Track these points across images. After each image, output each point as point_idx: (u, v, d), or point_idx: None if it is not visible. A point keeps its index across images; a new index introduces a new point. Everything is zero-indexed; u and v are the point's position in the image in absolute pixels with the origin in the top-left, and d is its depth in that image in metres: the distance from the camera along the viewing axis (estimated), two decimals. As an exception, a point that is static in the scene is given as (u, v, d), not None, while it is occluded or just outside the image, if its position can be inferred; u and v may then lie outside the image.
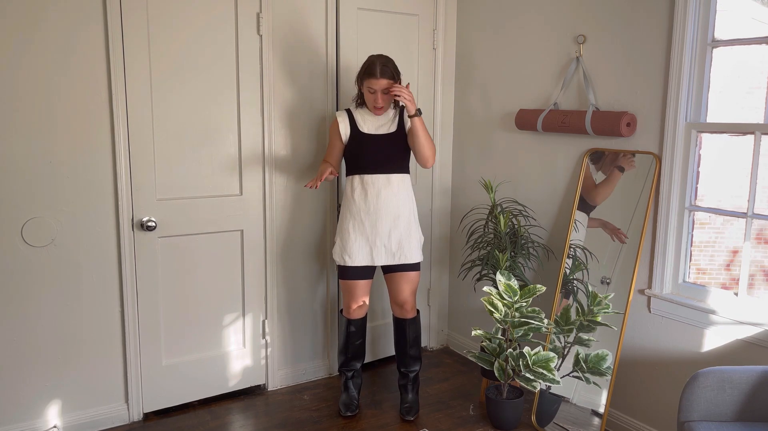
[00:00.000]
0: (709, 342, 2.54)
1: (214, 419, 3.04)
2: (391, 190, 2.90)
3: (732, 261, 4.49)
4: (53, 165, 2.64)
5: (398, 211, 2.91)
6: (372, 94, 2.83)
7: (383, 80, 2.79)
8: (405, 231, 2.94)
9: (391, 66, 2.83)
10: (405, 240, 2.93)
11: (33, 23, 2.52)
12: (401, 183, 2.94)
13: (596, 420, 2.76)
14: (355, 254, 2.94)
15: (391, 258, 2.94)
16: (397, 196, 2.92)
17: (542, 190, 3.23)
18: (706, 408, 2.09)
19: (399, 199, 2.92)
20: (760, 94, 2.77)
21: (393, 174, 2.91)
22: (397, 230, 2.92)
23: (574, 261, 2.96)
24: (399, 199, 2.92)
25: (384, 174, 2.90)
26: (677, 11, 2.52)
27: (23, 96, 2.54)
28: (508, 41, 3.36)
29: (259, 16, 3.02)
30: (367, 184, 2.90)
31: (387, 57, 2.87)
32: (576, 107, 3.00)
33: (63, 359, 2.77)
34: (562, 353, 2.82)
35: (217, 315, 3.15)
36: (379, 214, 2.89)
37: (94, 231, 2.77)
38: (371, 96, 2.84)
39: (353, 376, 3.15)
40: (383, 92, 2.82)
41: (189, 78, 2.89)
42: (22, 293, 2.65)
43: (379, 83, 2.80)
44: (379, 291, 3.56)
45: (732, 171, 3.53)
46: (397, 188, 2.92)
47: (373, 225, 2.90)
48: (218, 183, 3.05)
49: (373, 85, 2.81)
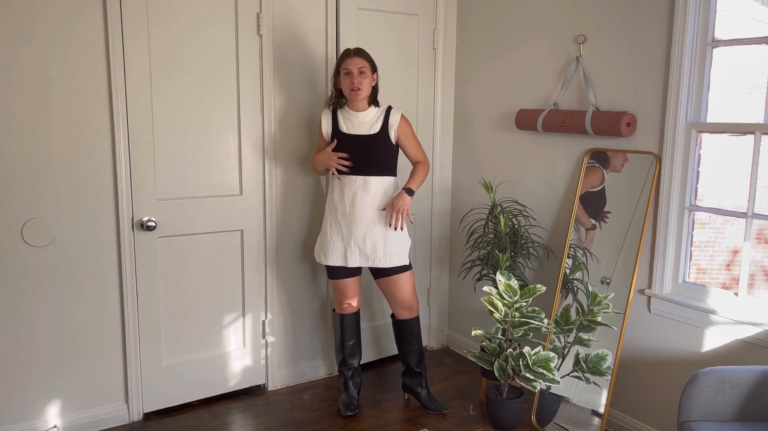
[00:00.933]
0: (709, 342, 2.54)
1: (214, 419, 3.04)
2: (368, 193, 2.87)
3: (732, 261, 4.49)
4: (53, 165, 2.64)
5: (374, 215, 2.88)
6: (347, 75, 2.84)
7: (357, 58, 2.83)
8: (381, 235, 2.89)
9: (365, 52, 2.88)
10: (380, 244, 2.89)
11: (31, 21, 2.52)
12: (380, 186, 2.89)
13: (596, 420, 2.76)
14: (329, 253, 2.93)
15: (365, 261, 2.92)
16: (374, 200, 2.87)
17: (542, 190, 3.23)
18: (706, 408, 2.09)
19: (376, 202, 2.88)
20: (760, 94, 2.77)
21: (372, 176, 2.87)
22: (373, 234, 2.88)
23: (574, 261, 2.96)
24: (376, 202, 2.88)
25: (361, 176, 2.87)
26: (677, 11, 2.52)
27: (23, 96, 2.54)
28: (508, 41, 3.36)
29: (259, 16, 3.02)
30: (345, 185, 2.89)
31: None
32: (576, 107, 3.00)
33: (63, 359, 2.77)
34: (562, 353, 2.82)
35: (217, 315, 3.15)
36: (354, 217, 2.87)
37: (94, 231, 2.77)
38: (347, 79, 2.84)
39: (353, 376, 3.15)
40: (360, 72, 2.82)
41: (189, 78, 2.89)
42: (22, 293, 2.65)
43: (354, 62, 2.82)
44: (377, 291, 3.56)
45: (732, 171, 3.53)
46: (374, 191, 2.87)
47: (348, 227, 2.89)
48: (218, 183, 3.05)
49: (349, 65, 2.82)
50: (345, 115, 2.94)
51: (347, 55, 2.85)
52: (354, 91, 2.83)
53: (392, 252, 2.91)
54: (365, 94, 2.87)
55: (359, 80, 2.82)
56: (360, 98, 2.87)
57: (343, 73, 2.86)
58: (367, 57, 2.88)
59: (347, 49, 2.90)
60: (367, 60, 2.86)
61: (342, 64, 2.85)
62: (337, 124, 2.93)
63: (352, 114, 2.92)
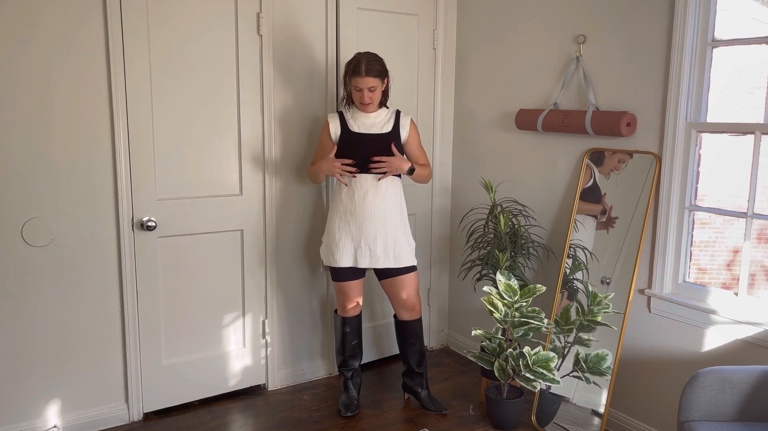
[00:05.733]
0: (709, 342, 2.54)
1: (214, 419, 3.04)
2: (379, 193, 2.87)
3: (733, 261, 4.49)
4: (53, 165, 2.64)
5: (385, 215, 2.88)
6: (358, 91, 2.82)
7: (369, 78, 2.78)
8: (392, 235, 2.90)
9: (377, 64, 2.81)
10: (391, 245, 2.90)
11: (32, 21, 2.52)
12: (390, 185, 2.90)
13: (596, 420, 2.76)
14: (339, 255, 2.91)
15: (375, 262, 2.91)
16: (385, 199, 2.88)
17: (542, 190, 3.23)
18: (706, 408, 2.09)
19: (387, 202, 2.89)
20: (760, 94, 2.77)
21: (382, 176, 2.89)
22: (383, 234, 2.88)
23: (574, 261, 2.96)
24: (387, 202, 2.89)
25: (372, 175, 2.88)
26: (677, 11, 2.52)
27: (23, 95, 2.54)
28: (508, 41, 3.36)
29: (259, 16, 3.02)
30: (355, 185, 2.88)
31: (374, 54, 2.84)
32: (576, 107, 3.00)
33: (63, 359, 2.77)
34: (562, 353, 2.82)
35: (217, 315, 3.15)
36: (365, 217, 2.86)
37: (94, 231, 2.77)
38: (358, 93, 2.83)
39: (353, 376, 3.15)
40: (369, 90, 2.80)
41: (189, 78, 2.89)
42: (22, 293, 2.65)
43: (364, 81, 2.78)
44: (379, 291, 3.56)
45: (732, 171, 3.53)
46: (385, 191, 2.88)
47: (359, 228, 2.87)
48: (218, 183, 3.05)
49: (359, 84, 2.79)
50: (355, 115, 2.93)
51: (357, 73, 2.77)
52: (364, 105, 2.85)
53: (402, 252, 2.92)
54: (375, 106, 2.89)
55: (369, 96, 2.82)
56: (370, 111, 2.90)
57: (353, 87, 2.82)
58: (377, 72, 2.79)
59: (359, 60, 2.78)
60: (377, 76, 2.79)
61: (353, 80, 2.80)
62: (346, 125, 2.92)
63: (363, 114, 2.92)
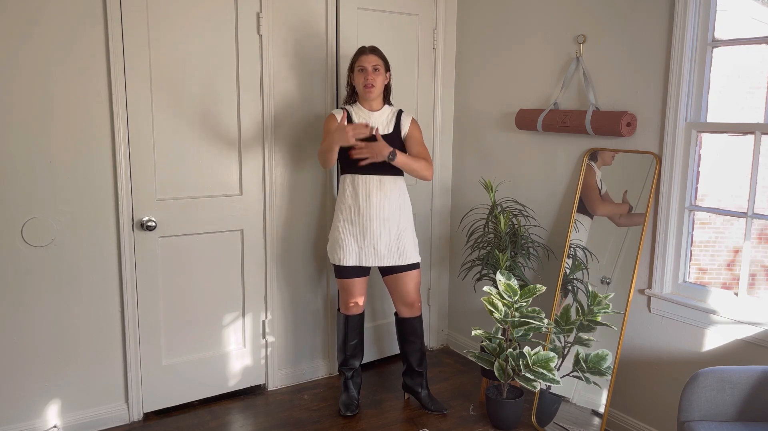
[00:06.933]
0: (709, 342, 2.54)
1: (214, 419, 3.04)
2: (382, 193, 2.89)
3: (733, 261, 4.49)
4: (53, 165, 2.64)
5: (389, 215, 2.90)
6: (362, 72, 2.87)
7: (373, 56, 2.88)
8: (396, 234, 2.92)
9: (380, 51, 2.93)
10: (394, 243, 2.92)
11: (32, 21, 2.52)
12: (394, 185, 2.92)
13: (596, 420, 2.76)
14: (344, 254, 2.93)
15: (380, 261, 2.93)
16: (389, 199, 2.90)
17: (542, 190, 3.23)
18: (706, 408, 2.09)
19: (390, 202, 2.90)
20: (760, 94, 2.77)
21: (385, 176, 2.89)
22: (388, 233, 2.90)
23: (574, 261, 2.96)
24: (390, 202, 2.90)
25: (376, 175, 2.88)
26: (677, 11, 2.52)
27: (23, 95, 2.54)
28: (508, 41, 3.36)
29: (259, 15, 3.02)
30: (359, 185, 2.89)
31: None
32: (576, 107, 3.00)
33: (63, 359, 2.77)
34: (562, 353, 2.82)
35: (217, 314, 3.15)
36: (369, 216, 2.88)
37: (94, 231, 2.77)
38: (361, 75, 2.88)
39: (353, 376, 3.15)
40: (374, 69, 2.86)
41: (189, 77, 2.89)
42: (22, 293, 2.65)
43: (368, 59, 2.87)
44: (379, 291, 3.56)
45: (732, 171, 3.53)
46: (388, 190, 2.90)
47: (363, 227, 2.89)
48: (218, 183, 3.05)
49: (363, 62, 2.87)
50: (359, 113, 2.95)
51: (362, 52, 2.90)
52: (367, 87, 2.87)
53: (406, 249, 2.95)
54: (378, 91, 2.91)
55: (373, 77, 2.86)
56: (373, 96, 2.90)
57: (357, 70, 2.90)
58: (381, 55, 2.93)
59: (362, 47, 2.94)
60: (381, 58, 2.91)
61: (357, 61, 2.90)
62: (351, 121, 2.93)
63: (367, 113, 2.93)
